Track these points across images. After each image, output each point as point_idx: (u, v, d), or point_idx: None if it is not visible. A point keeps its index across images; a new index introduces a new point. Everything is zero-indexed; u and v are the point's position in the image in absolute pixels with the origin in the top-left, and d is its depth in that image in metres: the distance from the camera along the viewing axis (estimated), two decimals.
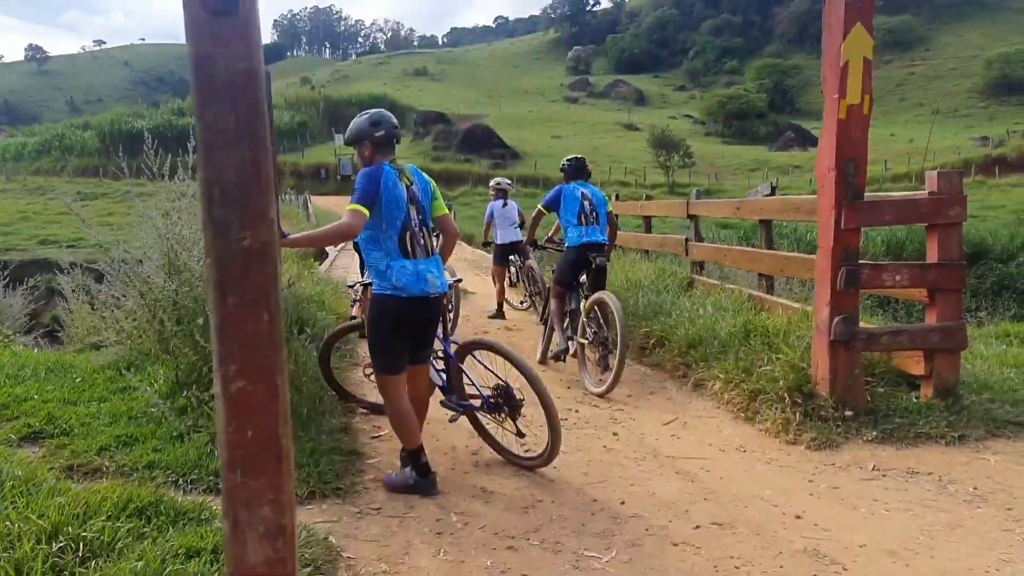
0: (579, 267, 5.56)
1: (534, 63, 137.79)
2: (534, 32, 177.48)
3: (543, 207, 5.89)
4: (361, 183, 3.19)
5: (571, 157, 6.05)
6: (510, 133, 60.84)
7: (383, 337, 3.28)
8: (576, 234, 5.60)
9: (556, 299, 5.74)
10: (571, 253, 5.63)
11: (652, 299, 6.62)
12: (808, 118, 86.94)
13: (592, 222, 5.64)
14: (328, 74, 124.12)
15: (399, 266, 3.21)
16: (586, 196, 5.73)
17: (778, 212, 5.66)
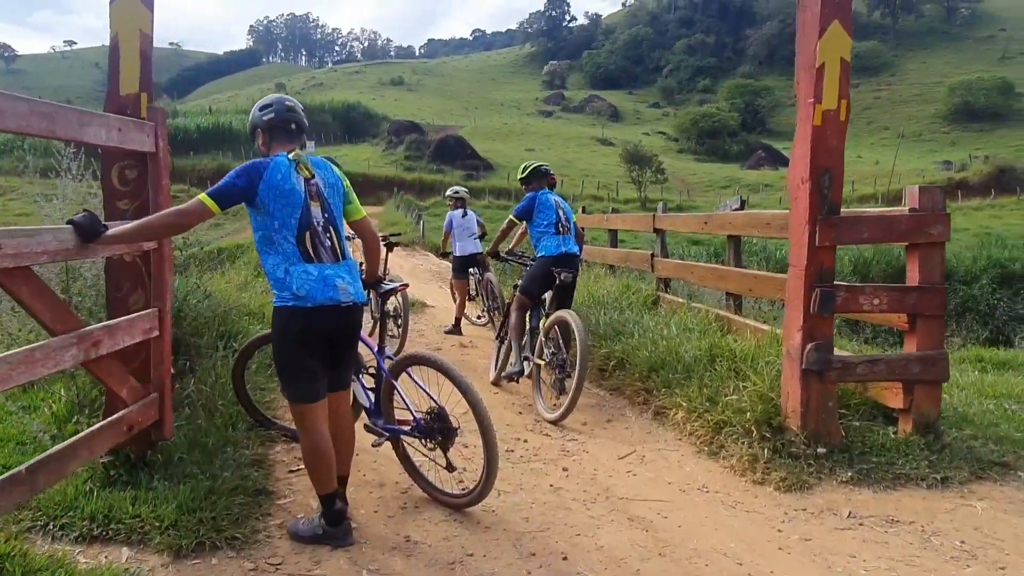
0: (549, 279, 5.10)
1: (510, 76, 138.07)
2: (511, 46, 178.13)
3: (516, 216, 5.43)
4: (229, 176, 2.74)
5: (527, 165, 5.66)
6: (484, 145, 60.59)
7: (291, 357, 2.81)
8: (553, 243, 5.19)
9: (518, 311, 5.29)
10: (545, 263, 5.17)
11: (615, 317, 6.24)
12: (779, 138, 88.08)
13: (567, 232, 5.28)
14: (303, 81, 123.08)
15: (300, 271, 2.74)
16: (559, 205, 5.37)
17: (747, 227, 5.31)
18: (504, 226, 5.62)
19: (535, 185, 5.49)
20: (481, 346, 7.01)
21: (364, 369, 3.60)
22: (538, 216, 5.29)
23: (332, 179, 2.95)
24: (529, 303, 5.27)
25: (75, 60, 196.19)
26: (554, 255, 5.15)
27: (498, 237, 5.81)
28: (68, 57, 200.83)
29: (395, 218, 30.34)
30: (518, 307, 5.30)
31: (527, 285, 5.27)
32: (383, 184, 45.83)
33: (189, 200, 2.68)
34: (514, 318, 5.28)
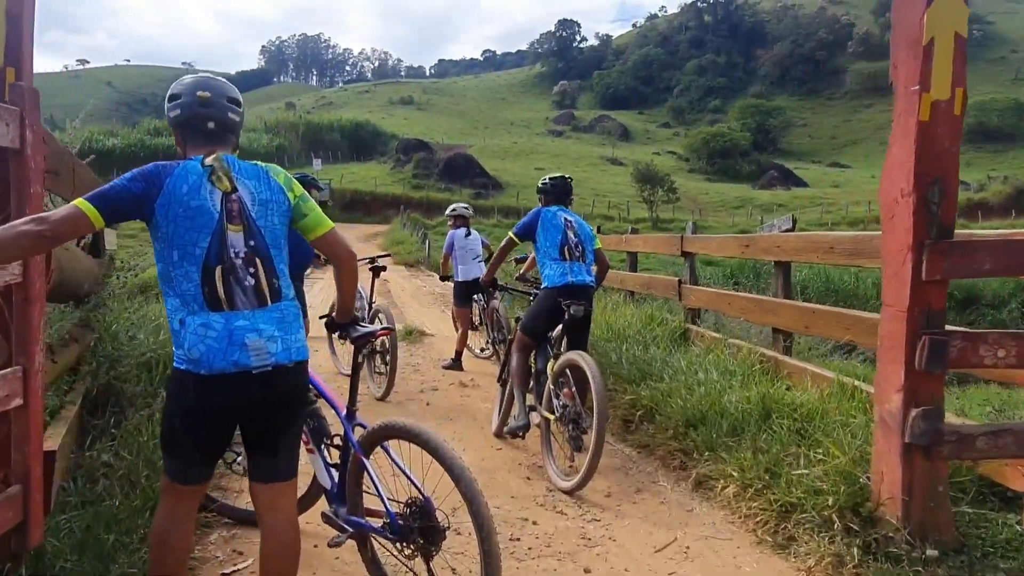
0: (555, 314, 4.27)
1: (520, 96, 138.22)
2: (521, 66, 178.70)
3: (515, 234, 4.54)
4: (117, 180, 1.92)
5: (554, 176, 4.77)
6: (493, 163, 60.03)
7: (170, 431, 2.04)
8: (556, 272, 4.30)
9: (519, 354, 4.41)
10: (548, 296, 4.30)
11: (638, 354, 5.38)
12: (790, 158, 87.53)
13: (577, 258, 4.36)
14: (313, 100, 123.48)
15: (197, 324, 1.93)
16: (570, 225, 4.45)
17: (803, 252, 4.43)
18: (503, 245, 4.65)
19: (549, 200, 4.65)
20: (485, 385, 6.13)
21: (328, 439, 2.73)
22: (542, 237, 4.42)
23: (267, 194, 2.09)
24: (533, 343, 4.40)
25: (87, 79, 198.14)
26: (558, 285, 4.27)
27: (495, 259, 4.86)
28: (80, 76, 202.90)
29: (401, 237, 29.61)
30: (520, 348, 4.41)
31: (529, 321, 4.41)
32: (390, 202, 45.20)
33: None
34: (515, 361, 4.39)
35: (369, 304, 5.80)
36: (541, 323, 4.33)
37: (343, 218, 42.93)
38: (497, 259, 4.83)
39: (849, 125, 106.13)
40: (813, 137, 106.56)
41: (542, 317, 4.32)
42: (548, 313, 4.27)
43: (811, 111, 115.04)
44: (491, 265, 4.95)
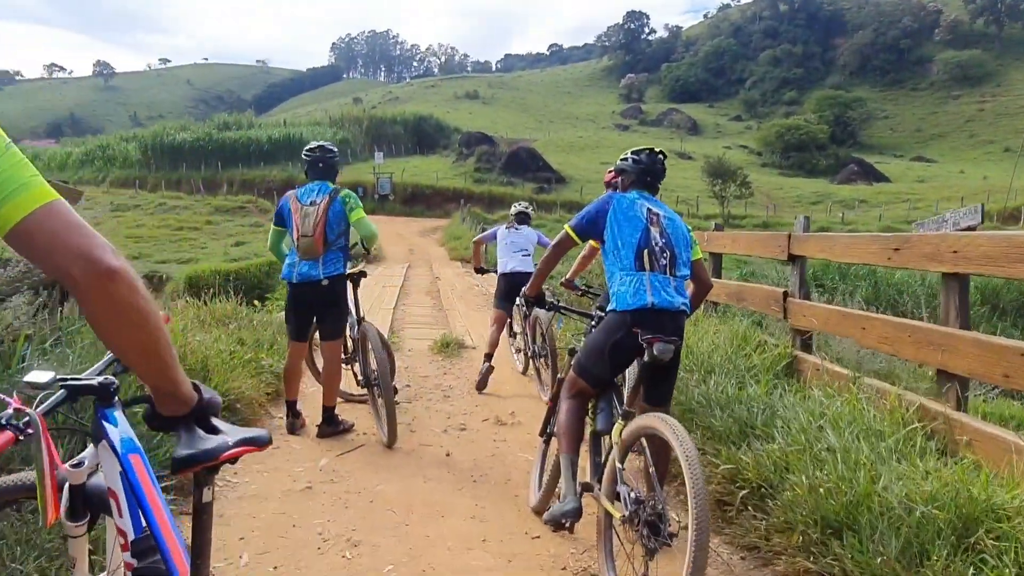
0: (627, 352, 2.89)
1: (586, 90, 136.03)
2: (588, 60, 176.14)
3: (574, 229, 3.15)
4: None
5: (638, 149, 3.32)
6: (557, 157, 58.48)
7: None
8: (631, 287, 2.87)
9: (572, 403, 3.01)
10: (617, 324, 2.87)
11: (730, 393, 3.96)
12: (871, 152, 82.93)
13: (663, 269, 2.93)
14: (380, 96, 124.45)
15: None
16: (656, 220, 3.01)
17: (1003, 262, 2.90)
18: (555, 244, 3.22)
19: (629, 183, 3.22)
20: (527, 422, 4.80)
21: None
22: (612, 233, 3.00)
23: None
24: (591, 391, 3.03)
25: (168, 77, 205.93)
26: (634, 308, 2.84)
27: (544, 264, 3.34)
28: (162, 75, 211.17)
29: (460, 232, 28.55)
30: (572, 394, 3.02)
31: (588, 359, 2.98)
32: (451, 196, 44.30)
33: None
34: (565, 414, 2.99)
35: (358, 320, 4.56)
36: (605, 363, 2.92)
37: (403, 211, 42.35)
38: (546, 264, 3.34)
39: (935, 117, 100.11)
40: (896, 130, 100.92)
41: (607, 354, 2.90)
42: (616, 349, 2.88)
43: (893, 102, 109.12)
44: (538, 272, 3.43)
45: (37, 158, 60.62)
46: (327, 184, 4.33)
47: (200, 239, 35.90)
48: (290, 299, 4.34)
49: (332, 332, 4.33)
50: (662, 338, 2.68)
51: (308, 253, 4.14)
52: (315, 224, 4.10)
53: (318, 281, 4.16)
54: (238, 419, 4.18)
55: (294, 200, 4.27)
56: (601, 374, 2.95)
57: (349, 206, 4.23)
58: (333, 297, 4.24)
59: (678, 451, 2.32)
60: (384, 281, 14.59)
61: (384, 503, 3.33)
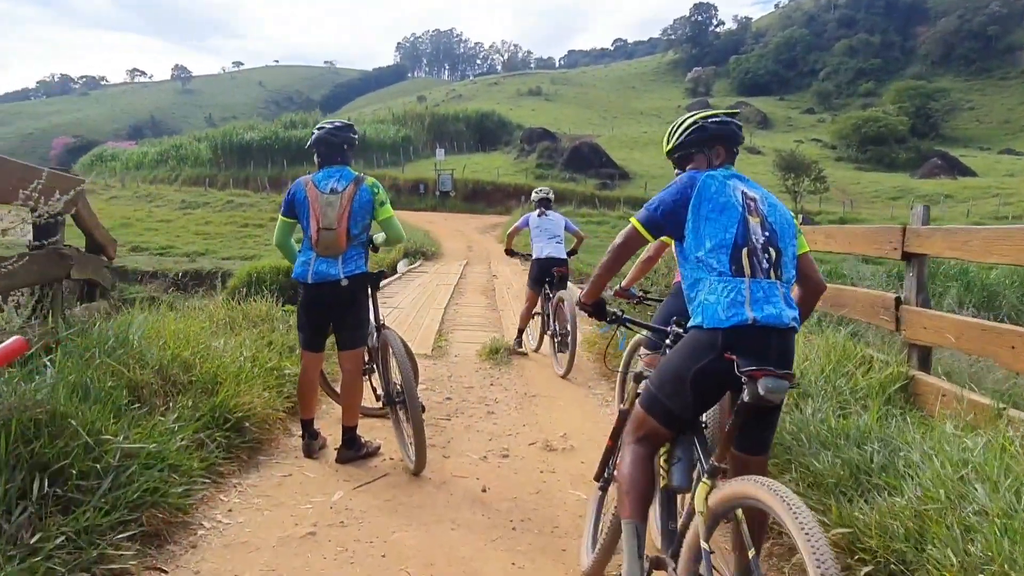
0: (713, 384, 2.17)
1: (650, 85, 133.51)
2: (653, 54, 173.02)
3: (644, 223, 2.36)
4: None
5: (714, 112, 2.56)
6: (620, 153, 57.21)
7: None
8: (723, 297, 2.14)
9: (639, 445, 2.28)
10: (704, 345, 2.13)
11: (834, 424, 3.19)
12: (955, 145, 78.45)
13: (767, 272, 2.18)
14: (443, 94, 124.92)
15: None
16: (753, 204, 2.27)
17: None
18: (619, 242, 2.42)
19: (697, 160, 2.49)
20: (582, 446, 4.10)
21: None
22: (695, 228, 2.24)
23: None
24: (665, 432, 2.27)
25: (241, 79, 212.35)
26: (727, 327, 2.10)
27: (604, 268, 2.52)
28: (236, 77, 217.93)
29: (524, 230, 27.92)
30: (638, 436, 2.29)
31: (661, 389, 2.23)
32: (512, 192, 43.69)
33: None
34: (629, 462, 2.27)
35: (378, 327, 3.93)
36: (685, 397, 2.16)
37: (464, 208, 41.99)
38: (605, 269, 2.52)
39: None
40: (982, 122, 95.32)
41: (689, 386, 2.14)
42: (702, 379, 2.13)
43: (980, 93, 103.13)
44: (595, 278, 2.59)
45: (116, 158, 63.11)
46: (348, 170, 3.76)
47: (264, 236, 36.25)
48: (304, 302, 3.76)
49: (352, 340, 3.76)
50: (771, 372, 1.93)
51: (330, 249, 3.59)
52: (339, 215, 3.55)
53: (337, 281, 3.61)
54: (246, 440, 3.64)
55: (311, 187, 3.67)
56: (679, 411, 2.20)
57: (379, 198, 3.71)
58: (353, 300, 3.69)
59: (799, 541, 1.60)
60: (439, 279, 14.11)
61: (398, 558, 2.70)
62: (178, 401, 3.51)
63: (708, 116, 2.53)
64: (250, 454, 3.63)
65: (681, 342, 2.27)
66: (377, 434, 4.22)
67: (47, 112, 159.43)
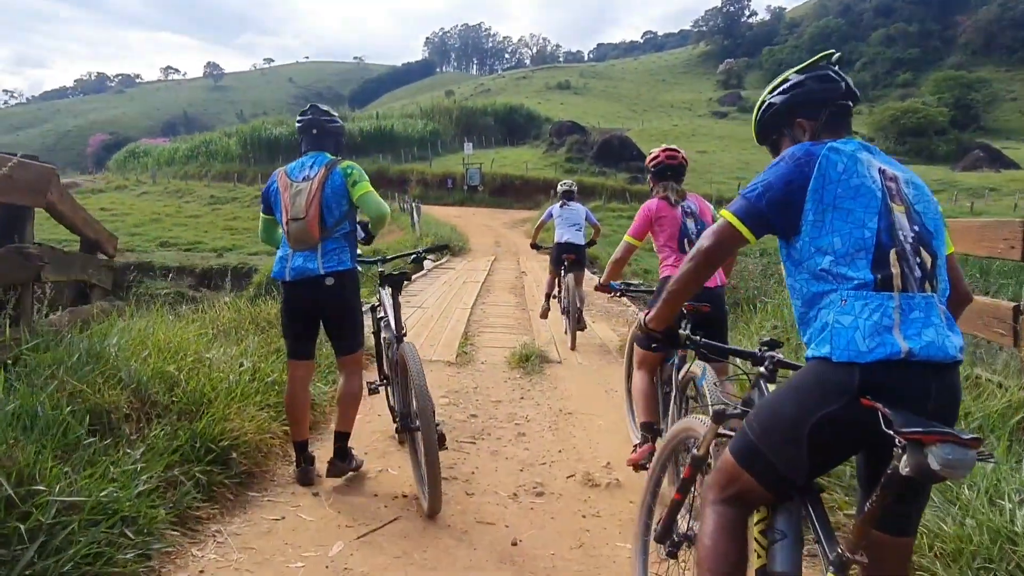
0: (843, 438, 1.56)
1: (681, 77, 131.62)
2: (684, 46, 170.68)
3: (743, 218, 1.71)
4: None
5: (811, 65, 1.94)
6: (651, 147, 55.49)
7: None
8: (864, 318, 1.52)
9: (725, 508, 1.69)
10: (828, 384, 1.53)
11: None
12: (997, 136, 75.88)
13: (923, 285, 1.56)
14: (472, 88, 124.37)
15: None
16: (893, 186, 1.66)
17: None
18: (706, 246, 1.76)
19: (795, 133, 1.87)
20: (629, 483, 3.47)
21: None
22: (815, 221, 1.63)
23: None
24: (762, 493, 1.65)
25: (272, 76, 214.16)
26: (867, 362, 1.47)
27: (677, 284, 1.85)
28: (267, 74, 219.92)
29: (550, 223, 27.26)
30: (724, 496, 1.69)
31: (763, 437, 1.62)
32: (541, 187, 42.98)
33: None
34: (712, 527, 1.66)
35: (398, 336, 3.38)
36: (799, 452, 1.56)
37: (492, 203, 41.41)
38: (685, 284, 1.84)
39: None
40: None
41: (806, 439, 1.54)
42: (826, 431, 1.53)
43: (1023, 83, 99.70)
44: (665, 299, 1.93)
45: (148, 154, 63.64)
46: (324, 155, 3.39)
47: None
48: (285, 304, 3.38)
49: (348, 345, 3.39)
50: (950, 437, 1.30)
51: (301, 242, 3.22)
52: (308, 203, 3.19)
53: (319, 278, 3.22)
54: (233, 474, 3.08)
55: (283, 177, 3.33)
56: (788, 471, 1.59)
57: (352, 179, 3.30)
58: (342, 300, 3.31)
59: None
60: (466, 276, 13.54)
61: None
62: (153, 428, 2.96)
63: (805, 70, 1.92)
64: (237, 491, 3.06)
65: (796, 377, 1.63)
66: (392, 460, 3.65)
67: (84, 110, 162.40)
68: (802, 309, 1.68)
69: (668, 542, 2.13)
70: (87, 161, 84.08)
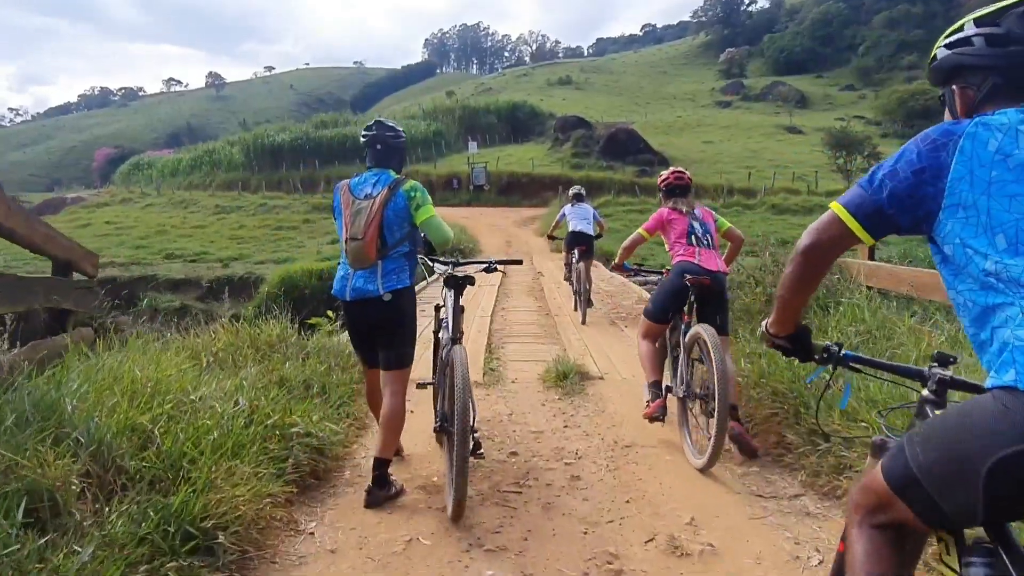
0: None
1: (683, 68, 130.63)
2: (684, 38, 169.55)
3: (854, 213, 1.47)
4: None
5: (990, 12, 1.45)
6: (657, 139, 55.31)
7: None
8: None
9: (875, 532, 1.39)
10: (1014, 419, 1.13)
11: None
12: None
13: None
14: (472, 88, 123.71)
15: None
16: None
17: None
18: (808, 243, 1.52)
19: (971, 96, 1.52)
20: (725, 550, 2.76)
21: None
22: (972, 213, 1.32)
23: None
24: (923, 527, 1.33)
25: (273, 84, 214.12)
26: None
27: (786, 290, 1.62)
28: (268, 82, 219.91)
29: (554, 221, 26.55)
30: (876, 521, 1.39)
31: (926, 475, 1.27)
32: (549, 184, 42.23)
33: None
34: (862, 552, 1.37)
35: (453, 338, 3.33)
36: (969, 497, 1.20)
37: (499, 202, 40.67)
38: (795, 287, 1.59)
39: None
40: None
41: (980, 483, 1.17)
42: (1006, 477, 1.14)
43: None
44: (782, 302, 1.66)
45: (152, 166, 63.22)
46: (388, 173, 3.38)
47: (298, 238, 35.53)
48: (347, 322, 3.48)
49: (397, 360, 3.33)
50: None
51: (359, 261, 3.23)
52: (367, 224, 3.19)
53: (378, 298, 3.23)
54: (220, 565, 2.37)
55: (345, 192, 3.35)
56: (955, 514, 1.26)
57: (415, 202, 3.28)
58: (399, 316, 3.30)
59: None
60: (480, 279, 12.80)
61: None
62: (114, 508, 2.26)
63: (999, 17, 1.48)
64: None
65: (971, 408, 1.27)
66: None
67: (88, 124, 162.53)
68: (972, 330, 1.35)
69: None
70: (93, 176, 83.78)
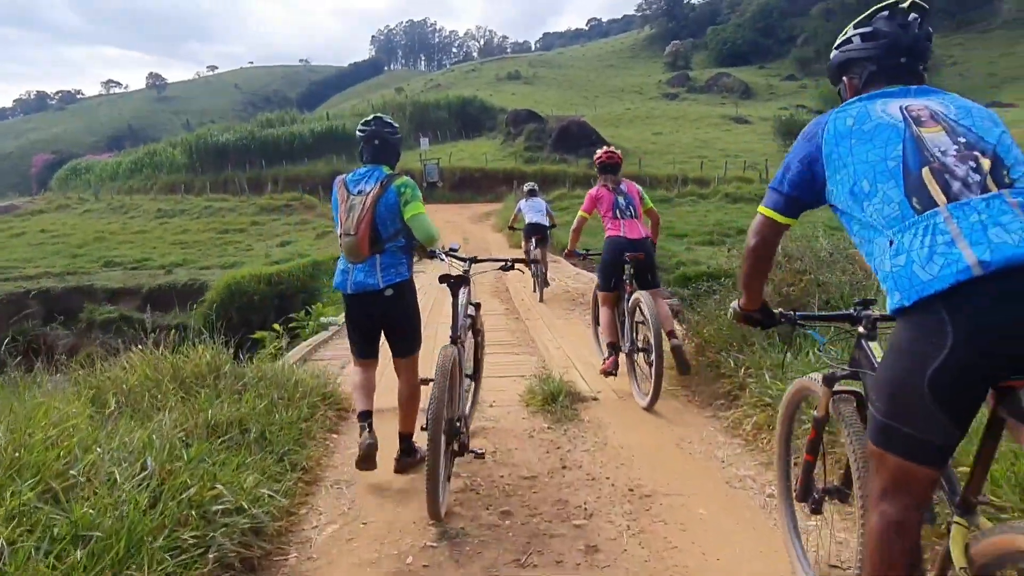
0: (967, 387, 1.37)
1: (629, 62, 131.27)
2: (629, 31, 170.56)
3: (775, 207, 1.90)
4: None
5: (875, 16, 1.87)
6: (608, 131, 55.08)
7: None
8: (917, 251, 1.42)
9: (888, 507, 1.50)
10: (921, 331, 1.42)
11: None
12: None
13: (980, 185, 1.43)
14: (421, 84, 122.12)
15: None
16: (923, 114, 1.61)
17: None
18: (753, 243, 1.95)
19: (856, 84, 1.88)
20: None
21: None
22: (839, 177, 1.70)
23: None
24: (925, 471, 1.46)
25: (217, 83, 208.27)
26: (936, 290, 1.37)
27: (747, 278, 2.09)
28: (211, 82, 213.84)
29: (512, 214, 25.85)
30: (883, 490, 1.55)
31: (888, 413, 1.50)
32: (502, 179, 41.51)
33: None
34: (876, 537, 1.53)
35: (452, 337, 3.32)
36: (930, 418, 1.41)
37: (453, 198, 39.76)
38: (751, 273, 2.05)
39: (1008, 59, 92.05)
40: (965, 76, 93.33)
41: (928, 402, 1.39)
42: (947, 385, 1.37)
43: (960, 47, 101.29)
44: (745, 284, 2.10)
45: (90, 171, 60.19)
46: (382, 169, 3.51)
47: (245, 241, 34.05)
48: (348, 315, 3.61)
49: (406, 348, 3.53)
50: None
51: (353, 256, 3.37)
52: (360, 219, 3.32)
53: (379, 291, 3.38)
54: None
55: (341, 187, 3.52)
56: (927, 433, 1.40)
57: (404, 198, 3.42)
58: (402, 309, 3.48)
59: None
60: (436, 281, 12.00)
61: None
62: None
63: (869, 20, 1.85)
64: None
65: (892, 337, 1.50)
66: None
67: (25, 129, 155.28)
68: (873, 267, 1.56)
69: (810, 500, 2.16)
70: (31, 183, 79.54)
